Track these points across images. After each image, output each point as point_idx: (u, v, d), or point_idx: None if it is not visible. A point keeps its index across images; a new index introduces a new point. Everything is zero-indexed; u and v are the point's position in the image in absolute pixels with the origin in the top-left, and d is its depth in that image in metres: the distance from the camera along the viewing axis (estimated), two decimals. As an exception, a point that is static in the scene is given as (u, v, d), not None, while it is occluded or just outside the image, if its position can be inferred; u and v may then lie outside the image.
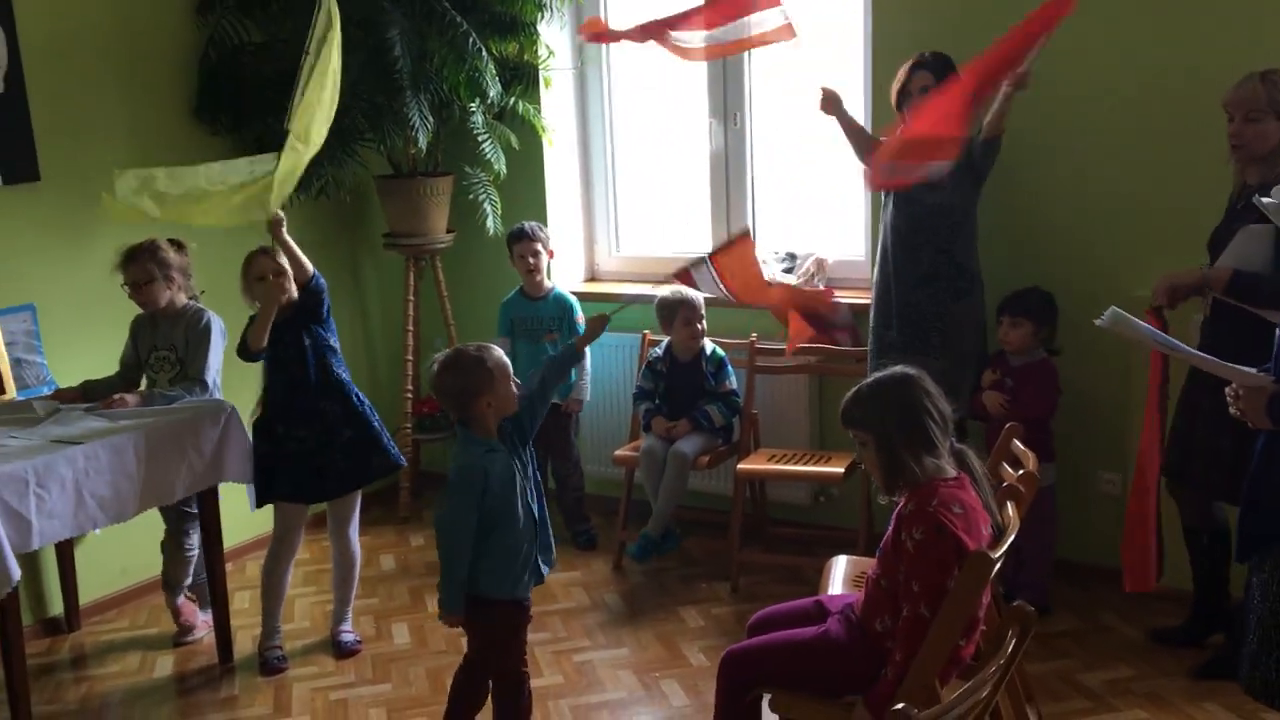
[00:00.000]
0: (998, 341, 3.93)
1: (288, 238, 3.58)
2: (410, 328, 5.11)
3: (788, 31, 3.64)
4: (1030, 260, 4.04)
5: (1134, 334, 2.44)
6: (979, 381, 3.92)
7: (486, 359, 2.88)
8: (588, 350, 4.45)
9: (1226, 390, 2.35)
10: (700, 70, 4.81)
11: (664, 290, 4.34)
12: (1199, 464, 3.30)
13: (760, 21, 3.67)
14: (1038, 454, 2.91)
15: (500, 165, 4.76)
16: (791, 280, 4.62)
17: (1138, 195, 3.85)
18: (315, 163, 3.93)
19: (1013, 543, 2.47)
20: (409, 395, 5.14)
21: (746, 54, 4.67)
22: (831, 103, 3.98)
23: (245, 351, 3.67)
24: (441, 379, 2.90)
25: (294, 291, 3.65)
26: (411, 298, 5.08)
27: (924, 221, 3.80)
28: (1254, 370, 2.30)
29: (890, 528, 2.52)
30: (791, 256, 4.72)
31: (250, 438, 3.76)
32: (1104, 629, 3.82)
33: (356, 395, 3.81)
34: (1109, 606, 3.94)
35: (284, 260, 3.61)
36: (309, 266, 3.67)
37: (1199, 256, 3.30)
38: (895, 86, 3.86)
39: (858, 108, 4.27)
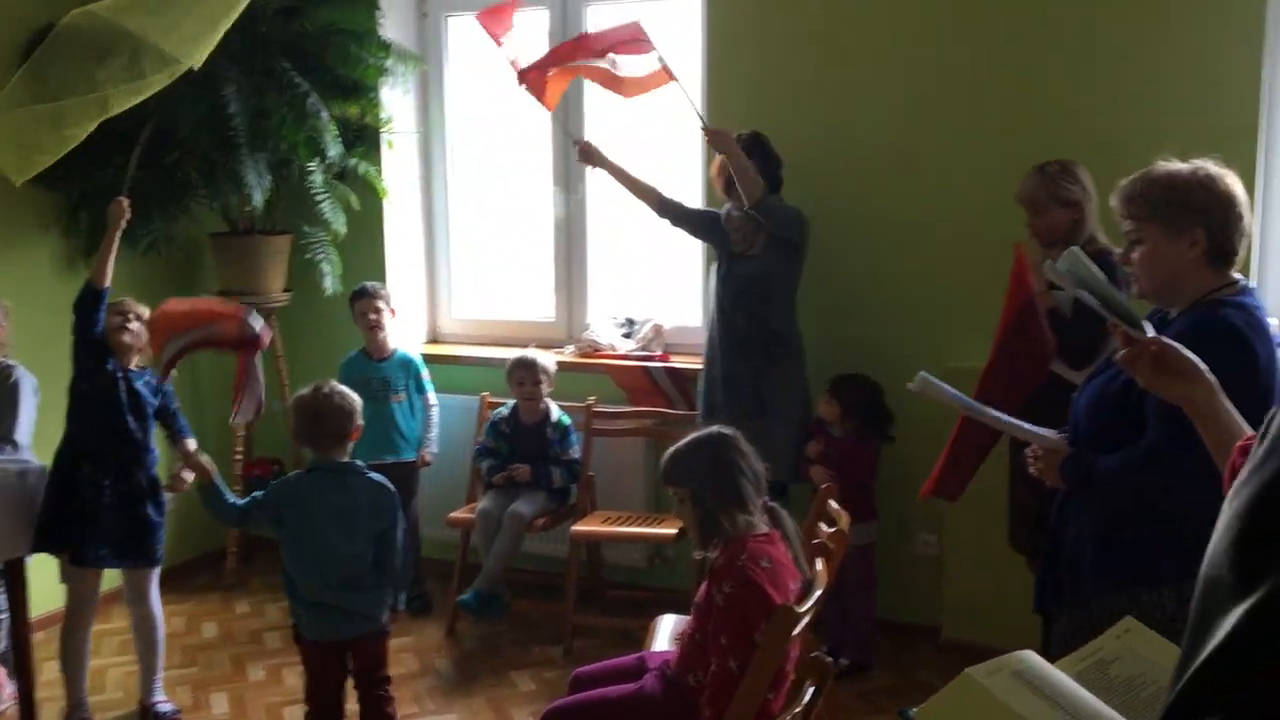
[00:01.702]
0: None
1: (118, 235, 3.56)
2: (243, 388, 4.99)
3: (664, 76, 3.85)
4: (850, 325, 4.22)
5: (942, 398, 2.54)
6: (806, 446, 4.05)
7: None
8: (436, 404, 4.63)
9: (1026, 452, 2.47)
10: (544, 138, 4.90)
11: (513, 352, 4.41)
12: (1017, 523, 3.47)
13: (635, 65, 3.82)
14: (860, 514, 3.03)
15: (339, 225, 4.74)
16: (630, 346, 4.72)
17: (952, 268, 4.07)
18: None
19: (837, 601, 2.55)
20: (239, 458, 5.01)
21: (586, 120, 4.80)
22: (588, 155, 4.17)
23: (90, 293, 3.55)
24: (333, 401, 3.13)
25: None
26: (245, 357, 4.97)
27: (739, 290, 3.97)
28: (1053, 433, 2.44)
29: (704, 583, 2.58)
30: (630, 322, 4.82)
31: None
32: (923, 685, 3.94)
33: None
34: (929, 664, 4.07)
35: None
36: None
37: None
38: (715, 169, 4.02)
39: (696, 185, 4.45)
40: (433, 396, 4.65)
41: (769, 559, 2.51)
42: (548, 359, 4.48)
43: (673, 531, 4.24)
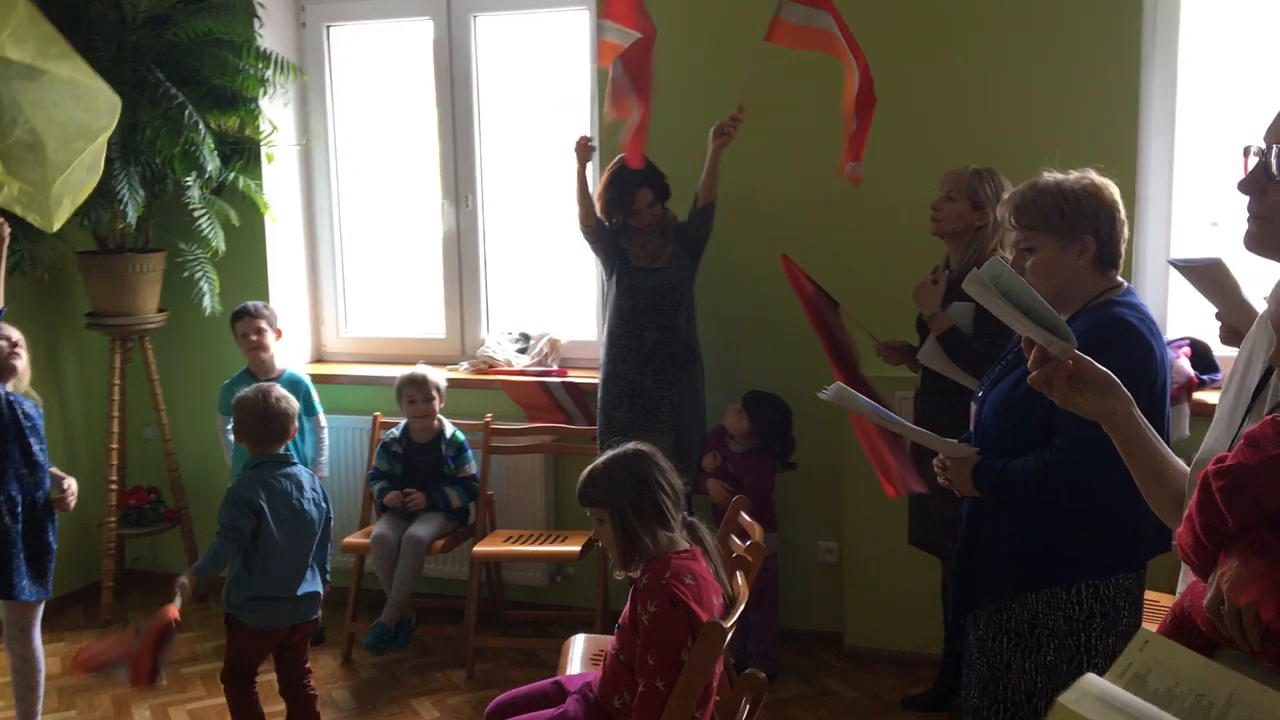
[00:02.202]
0: (720, 420, 4.09)
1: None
2: (116, 414, 4.75)
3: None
4: (751, 334, 4.24)
5: (855, 407, 2.56)
6: (702, 458, 4.05)
7: None
8: (325, 426, 4.49)
9: (934, 461, 2.49)
10: (431, 150, 4.80)
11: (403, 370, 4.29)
12: (934, 532, 3.52)
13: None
14: (760, 524, 3.03)
15: (218, 242, 4.55)
16: (526, 361, 4.65)
17: (854, 278, 4.09)
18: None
19: (741, 612, 2.54)
20: (113, 487, 4.76)
21: (477, 133, 4.73)
22: (585, 152, 4.02)
23: None
24: (279, 405, 3.34)
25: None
26: (117, 381, 4.74)
27: (651, 303, 3.95)
28: (957, 441, 2.47)
29: (628, 603, 2.54)
30: (525, 337, 4.75)
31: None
32: (828, 693, 3.97)
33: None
34: (833, 672, 4.11)
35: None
36: None
37: (909, 339, 3.57)
38: (606, 179, 4.00)
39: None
40: (323, 418, 4.49)
41: (693, 575, 2.48)
42: (438, 375, 4.38)
43: (575, 549, 4.19)
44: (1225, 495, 1.29)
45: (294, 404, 3.42)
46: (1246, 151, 1.43)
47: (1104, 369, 1.64)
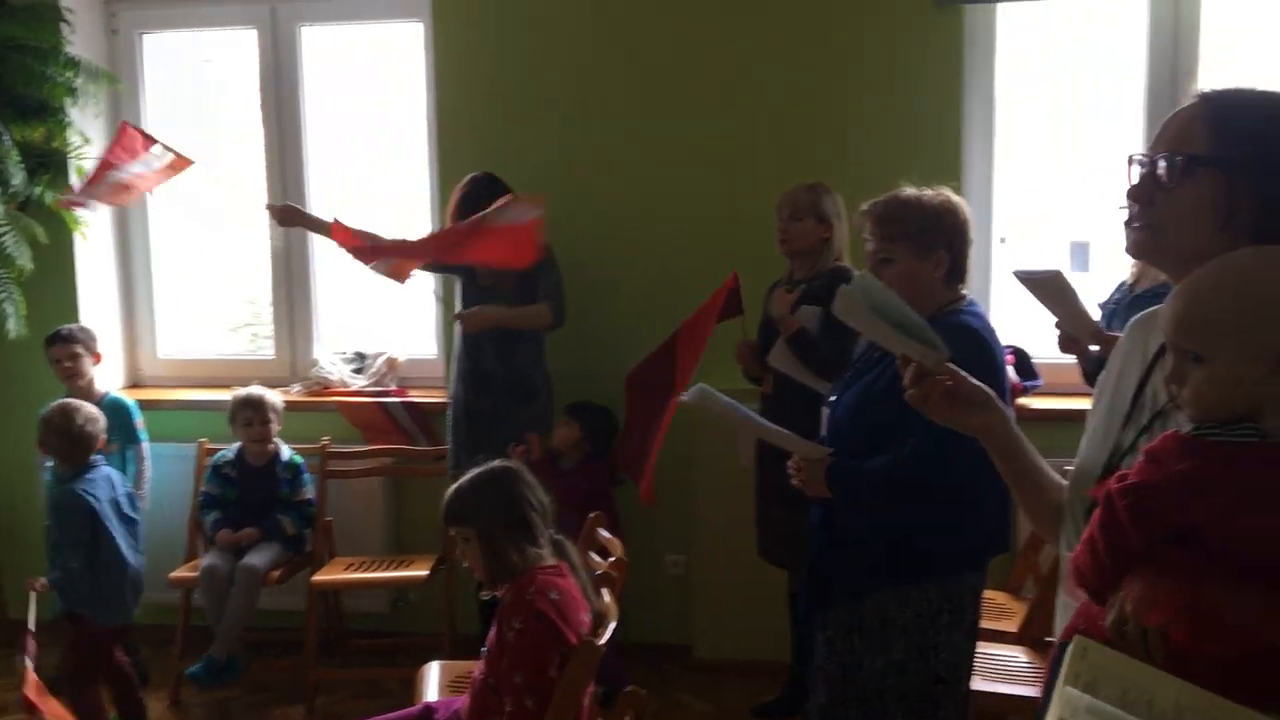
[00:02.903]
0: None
1: None
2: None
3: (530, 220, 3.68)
4: (596, 362, 4.21)
5: (719, 409, 2.59)
6: None
7: None
8: (147, 452, 4.23)
9: (789, 464, 2.53)
10: (258, 164, 4.62)
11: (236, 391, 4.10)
12: (779, 547, 3.57)
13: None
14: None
15: (24, 261, 4.24)
16: (363, 381, 4.52)
17: (697, 300, 4.12)
18: None
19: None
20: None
21: (305, 146, 4.58)
22: (288, 214, 3.99)
23: None
24: (85, 427, 3.55)
25: None
26: (-89, 413, 4.36)
27: (495, 331, 3.89)
28: (814, 443, 2.52)
29: (494, 624, 2.49)
30: (361, 356, 4.62)
31: None
32: (679, 705, 3.99)
33: None
34: (682, 685, 4.12)
35: None
36: None
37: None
38: (457, 198, 3.93)
39: (427, 217, 4.35)
40: (146, 447, 4.23)
41: (558, 591, 2.45)
42: (275, 396, 4.21)
43: (422, 573, 4.07)
44: (1131, 514, 1.27)
45: (101, 425, 3.61)
46: (1131, 160, 1.47)
47: (979, 384, 1.62)
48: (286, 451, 4.20)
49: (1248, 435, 1.25)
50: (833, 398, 2.57)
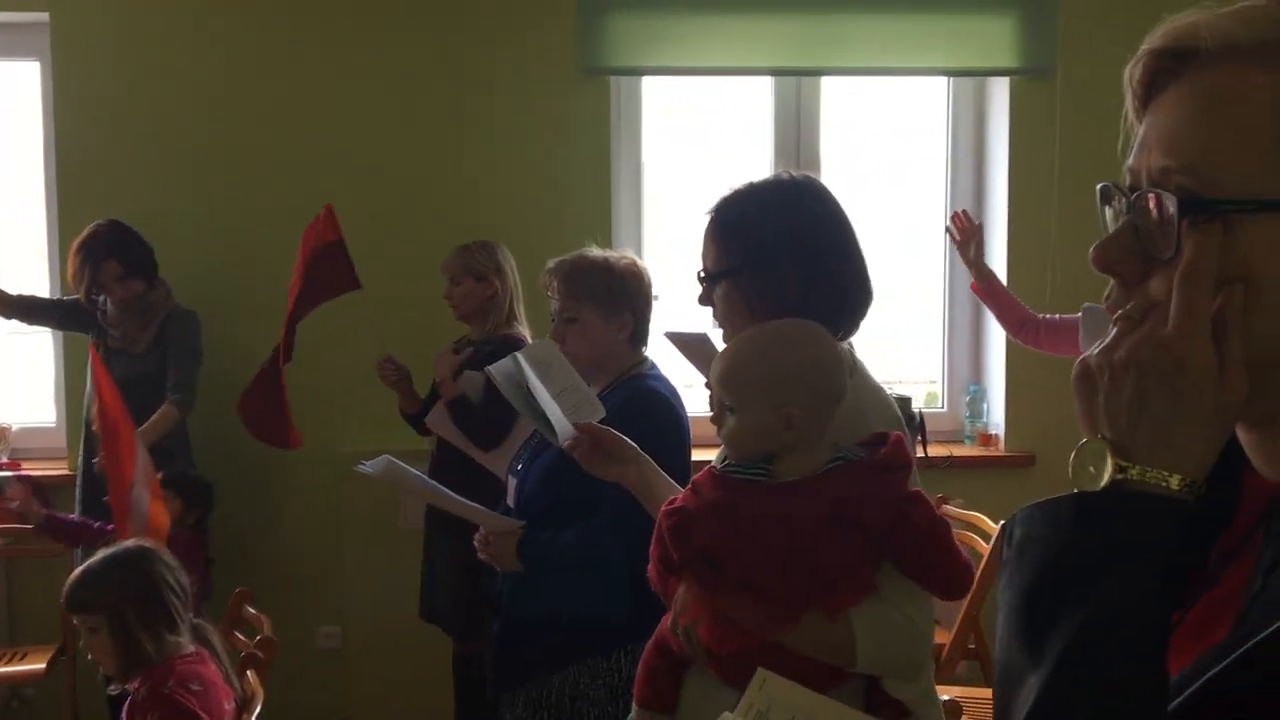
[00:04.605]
0: None
1: None
2: None
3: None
4: (228, 422, 3.96)
5: (403, 482, 2.48)
6: None
7: None
8: None
9: (475, 537, 2.43)
10: None
11: None
12: (446, 605, 3.47)
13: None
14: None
15: None
16: None
17: (339, 355, 3.97)
18: None
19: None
20: None
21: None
22: None
23: None
24: None
25: None
26: None
27: (124, 393, 3.58)
28: (502, 516, 2.44)
29: (123, 721, 2.27)
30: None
31: None
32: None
33: None
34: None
35: None
36: None
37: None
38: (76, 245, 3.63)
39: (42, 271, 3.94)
40: None
41: (200, 681, 2.26)
42: None
43: (40, 667, 3.65)
44: (670, 533, 1.53)
45: None
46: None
47: (621, 438, 1.88)
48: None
49: (759, 474, 1.50)
50: (519, 466, 2.53)
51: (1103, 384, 0.73)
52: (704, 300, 1.78)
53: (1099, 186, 0.77)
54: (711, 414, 1.60)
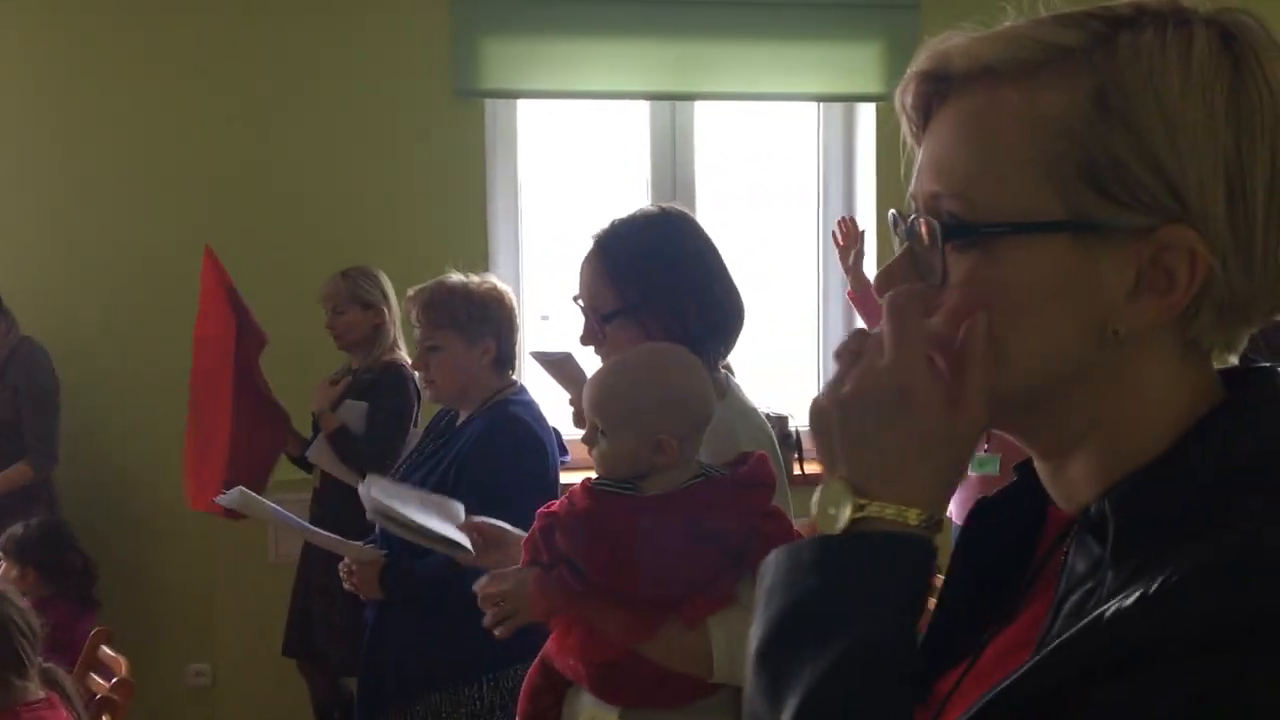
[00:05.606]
0: None
1: None
2: None
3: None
4: (100, 467, 3.84)
5: (261, 513, 2.46)
6: None
7: None
8: None
9: (340, 567, 2.44)
10: None
11: None
12: (320, 639, 3.39)
13: None
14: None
15: None
16: None
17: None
18: None
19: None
20: None
21: None
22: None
23: None
24: None
25: None
26: None
27: None
28: (362, 544, 2.44)
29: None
30: None
31: None
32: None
33: None
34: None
35: None
36: None
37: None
38: None
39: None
40: None
41: (48, 727, 2.17)
42: None
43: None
44: (541, 535, 1.59)
45: None
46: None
47: (497, 525, 1.88)
48: None
49: (626, 489, 1.57)
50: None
51: (834, 422, 0.71)
52: (590, 338, 1.79)
53: (890, 213, 0.76)
54: (583, 435, 1.63)
